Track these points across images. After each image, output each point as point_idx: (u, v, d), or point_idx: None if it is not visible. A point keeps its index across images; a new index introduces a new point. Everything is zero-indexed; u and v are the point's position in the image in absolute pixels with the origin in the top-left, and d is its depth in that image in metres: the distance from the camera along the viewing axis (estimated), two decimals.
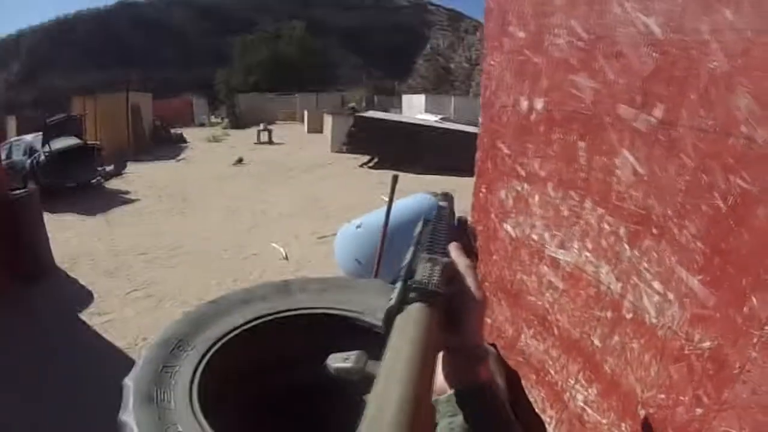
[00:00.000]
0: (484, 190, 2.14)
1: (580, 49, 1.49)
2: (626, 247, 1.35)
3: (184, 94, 39.63)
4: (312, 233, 7.56)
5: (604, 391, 1.45)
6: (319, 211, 8.97)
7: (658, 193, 1.23)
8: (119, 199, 10.30)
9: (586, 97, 1.48)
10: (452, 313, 0.59)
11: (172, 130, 21.44)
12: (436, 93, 39.19)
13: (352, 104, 33.87)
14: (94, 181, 11.40)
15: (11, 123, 18.39)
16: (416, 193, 6.55)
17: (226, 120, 28.33)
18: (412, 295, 0.56)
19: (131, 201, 10.14)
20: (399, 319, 0.55)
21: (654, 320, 1.25)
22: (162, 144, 19.19)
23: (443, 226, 0.75)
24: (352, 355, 0.58)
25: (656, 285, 1.25)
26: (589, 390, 1.51)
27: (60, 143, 10.84)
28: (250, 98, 34.64)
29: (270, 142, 19.62)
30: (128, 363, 3.84)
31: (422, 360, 0.49)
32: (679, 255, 1.16)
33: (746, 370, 0.99)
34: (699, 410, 1.09)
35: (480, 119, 2.15)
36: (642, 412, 1.28)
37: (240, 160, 14.39)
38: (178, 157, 16.33)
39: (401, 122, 15.71)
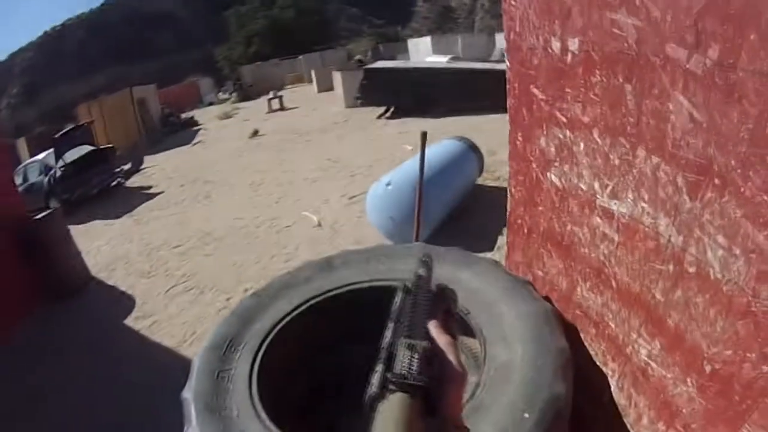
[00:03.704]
0: (520, 139, 2.03)
1: None
2: (686, 198, 1.26)
3: (188, 77, 39.44)
4: (342, 195, 7.41)
5: (668, 346, 1.38)
6: (344, 171, 8.79)
7: (719, 141, 1.12)
8: (142, 195, 10.32)
9: (628, 36, 1.36)
10: (431, 395, 0.59)
11: (182, 115, 21.37)
12: (441, 34, 38.03)
13: (358, 57, 33.09)
14: (114, 183, 11.41)
15: (21, 145, 18.35)
16: (441, 140, 6.31)
17: (234, 95, 28.04)
18: (392, 387, 0.58)
19: (154, 195, 10.15)
20: (382, 409, 0.56)
21: (719, 275, 1.17)
22: (174, 131, 19.14)
23: (423, 299, 0.75)
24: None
25: (720, 239, 1.16)
26: (653, 344, 1.45)
27: (73, 154, 10.84)
28: (254, 68, 34.08)
29: (282, 108, 19.27)
30: (181, 362, 3.92)
31: None
32: (744, 209, 1.08)
33: None
34: (765, 368, 1.05)
35: (507, 63, 2.02)
36: (708, 368, 1.23)
37: (255, 132, 14.21)
38: (193, 141, 16.25)
39: (411, 68, 15.24)
